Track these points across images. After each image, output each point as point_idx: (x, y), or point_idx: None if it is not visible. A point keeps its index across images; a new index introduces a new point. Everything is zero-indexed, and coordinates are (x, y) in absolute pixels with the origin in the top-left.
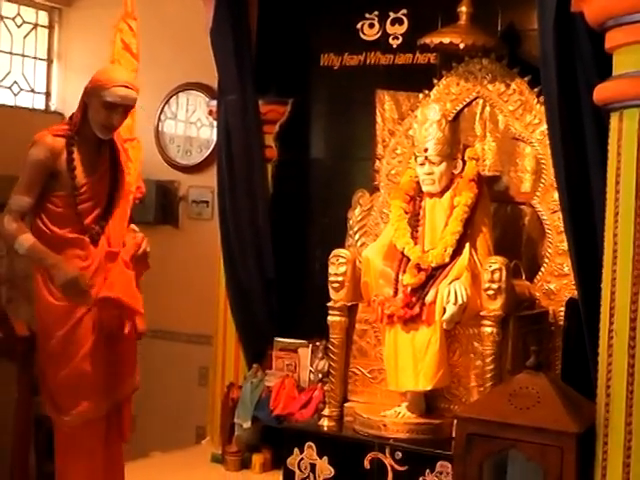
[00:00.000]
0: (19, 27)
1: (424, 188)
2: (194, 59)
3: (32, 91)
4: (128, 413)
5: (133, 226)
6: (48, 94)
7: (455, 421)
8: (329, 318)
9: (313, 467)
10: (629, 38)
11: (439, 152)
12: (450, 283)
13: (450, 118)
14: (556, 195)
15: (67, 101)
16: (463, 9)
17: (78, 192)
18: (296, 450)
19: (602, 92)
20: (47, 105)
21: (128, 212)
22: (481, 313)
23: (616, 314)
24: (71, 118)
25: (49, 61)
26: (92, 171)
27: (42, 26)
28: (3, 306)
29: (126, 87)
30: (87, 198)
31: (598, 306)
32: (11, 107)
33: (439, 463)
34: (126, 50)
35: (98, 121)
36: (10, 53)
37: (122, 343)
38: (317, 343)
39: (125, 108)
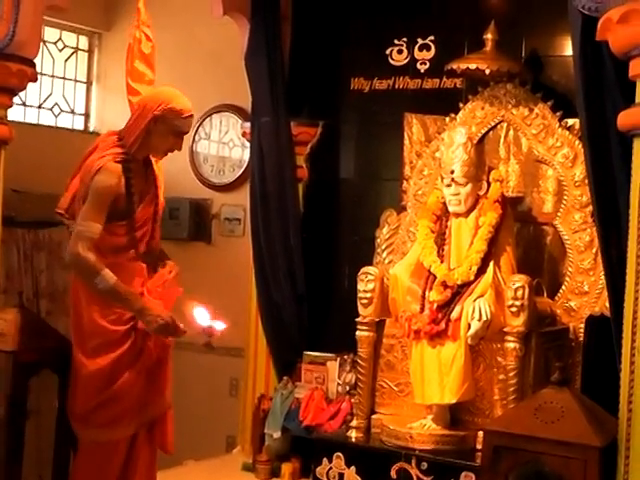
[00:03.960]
0: (61, 51)
1: (450, 208)
2: (227, 82)
3: (72, 112)
4: (170, 426)
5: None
6: (87, 115)
7: (479, 433)
8: (357, 333)
9: (341, 476)
10: None
11: (465, 174)
12: (475, 300)
13: (475, 141)
14: (577, 216)
15: (105, 122)
16: (489, 36)
17: (135, 218)
18: (325, 460)
19: (626, 118)
20: (86, 126)
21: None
22: (504, 329)
23: (638, 332)
24: (120, 140)
25: (88, 83)
26: (143, 195)
27: (82, 50)
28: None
29: (192, 115)
30: (142, 224)
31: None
32: (52, 128)
33: (463, 473)
34: (143, 61)
35: (164, 147)
36: (52, 76)
37: (158, 366)
38: (345, 357)
39: None
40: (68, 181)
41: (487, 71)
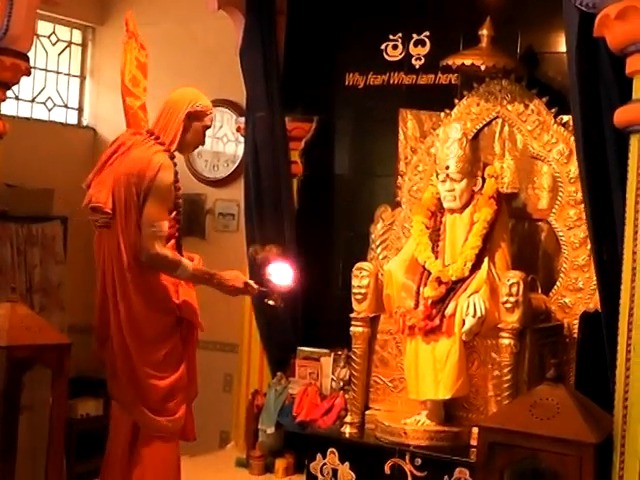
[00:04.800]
0: (54, 45)
1: (445, 204)
2: (222, 77)
3: (65, 106)
4: (192, 414)
5: None
6: (80, 109)
7: (474, 429)
8: (352, 329)
9: (335, 472)
10: None
11: (460, 170)
12: (469, 296)
13: (470, 137)
14: (572, 212)
15: (98, 116)
16: (484, 32)
17: (178, 211)
18: (319, 455)
19: (622, 115)
20: (79, 120)
21: None
22: (499, 325)
23: (634, 329)
24: (157, 138)
25: (82, 77)
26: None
27: (76, 44)
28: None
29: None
30: (179, 217)
31: (617, 319)
32: (45, 122)
33: (457, 469)
34: (139, 69)
35: (196, 142)
36: (45, 70)
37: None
38: (339, 352)
39: None
40: (92, 177)
41: (482, 67)
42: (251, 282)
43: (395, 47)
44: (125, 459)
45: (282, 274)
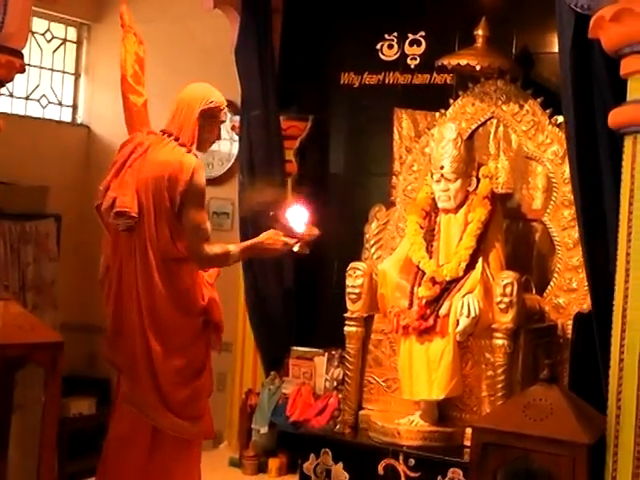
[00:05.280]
0: (49, 42)
1: (439, 204)
2: (217, 75)
3: (60, 104)
4: (210, 412)
5: None
6: (75, 107)
7: (468, 430)
8: (346, 328)
9: (328, 472)
10: None
11: (455, 170)
12: (463, 296)
13: (465, 137)
14: (566, 212)
15: (93, 114)
16: (479, 32)
17: None
18: (312, 456)
19: (617, 117)
20: (74, 118)
21: None
22: (493, 326)
23: (627, 329)
24: (177, 139)
25: (77, 75)
26: None
27: (71, 41)
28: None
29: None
30: None
31: (610, 320)
32: (39, 119)
33: (451, 470)
34: (139, 64)
35: (211, 139)
36: (40, 67)
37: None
38: (333, 352)
39: None
40: (110, 178)
41: (478, 67)
42: (285, 238)
43: (390, 47)
44: (145, 465)
45: (300, 218)
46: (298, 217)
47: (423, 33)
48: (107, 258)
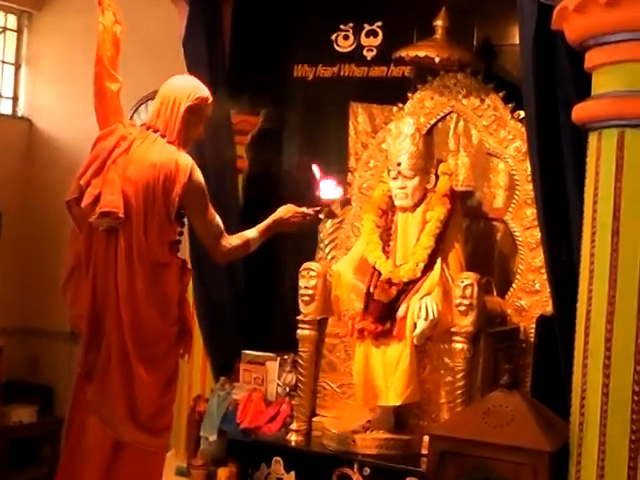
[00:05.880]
0: None
1: (397, 202)
2: (164, 67)
3: None
4: None
5: None
6: (15, 99)
7: (425, 438)
8: (298, 332)
9: None
10: (609, 58)
11: (412, 166)
12: (421, 298)
13: (424, 132)
14: (529, 211)
15: (35, 106)
16: (439, 23)
17: None
18: (263, 465)
19: (581, 112)
20: (14, 110)
21: None
22: (452, 329)
23: (591, 333)
24: (163, 136)
25: (17, 65)
26: None
27: (11, 30)
28: None
29: None
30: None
31: (572, 323)
32: None
33: (407, 479)
34: (115, 47)
35: (196, 136)
36: None
37: None
38: (285, 356)
39: None
40: (91, 174)
41: (437, 59)
42: (305, 209)
43: (346, 37)
44: (103, 474)
45: (331, 187)
46: (329, 188)
47: (380, 23)
48: (74, 258)
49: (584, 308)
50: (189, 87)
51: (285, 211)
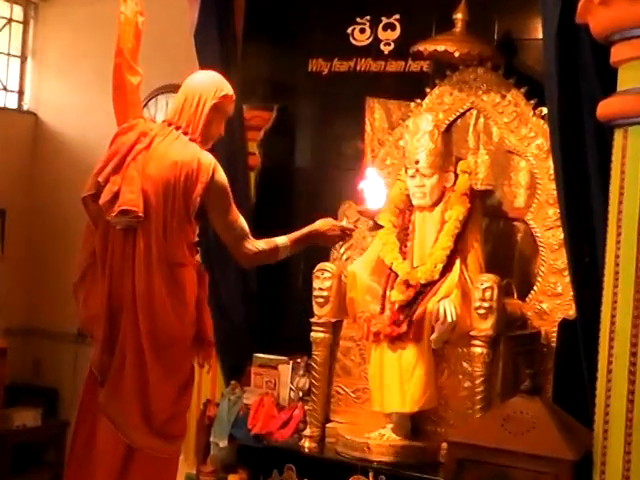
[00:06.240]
0: None
1: (414, 201)
2: (175, 60)
3: (4, 89)
4: None
5: None
6: (21, 92)
7: (443, 445)
8: (312, 334)
9: None
10: (636, 52)
11: (431, 164)
12: (439, 301)
13: (443, 129)
14: (551, 211)
15: (41, 100)
16: (459, 16)
17: None
18: (275, 471)
19: (606, 108)
20: (20, 104)
21: None
22: (471, 333)
23: (616, 338)
24: (186, 134)
25: (23, 58)
26: None
27: (16, 21)
28: None
29: None
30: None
31: (596, 327)
32: None
33: None
34: (136, 39)
35: (217, 134)
36: None
37: None
38: (298, 360)
39: None
40: (110, 171)
41: (456, 54)
42: (344, 224)
43: (362, 31)
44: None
45: (379, 196)
46: (375, 193)
47: (398, 16)
48: (88, 257)
49: (609, 312)
50: (215, 84)
51: (323, 224)
